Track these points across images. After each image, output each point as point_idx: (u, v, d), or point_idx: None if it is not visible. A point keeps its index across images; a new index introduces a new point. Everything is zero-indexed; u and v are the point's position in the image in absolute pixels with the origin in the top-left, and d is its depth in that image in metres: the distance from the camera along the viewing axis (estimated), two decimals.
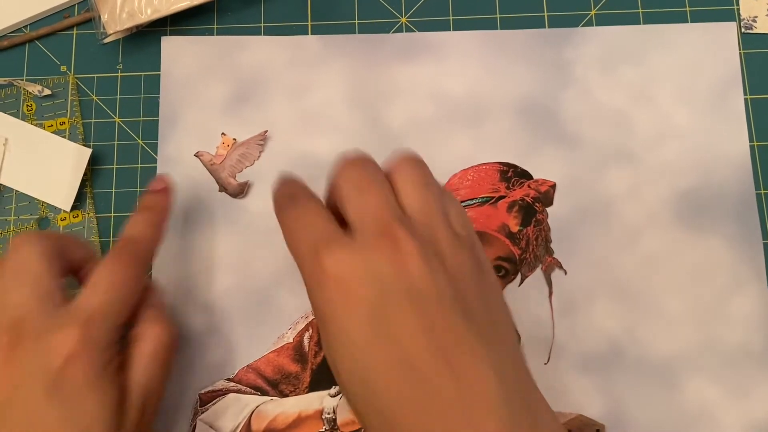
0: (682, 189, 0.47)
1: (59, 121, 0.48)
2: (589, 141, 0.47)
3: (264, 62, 0.49)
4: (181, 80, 0.48)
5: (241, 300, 0.45)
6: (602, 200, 0.46)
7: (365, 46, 0.49)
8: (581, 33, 0.49)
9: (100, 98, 0.49)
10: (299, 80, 0.48)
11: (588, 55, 0.49)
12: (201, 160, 0.47)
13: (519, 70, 0.48)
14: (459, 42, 0.49)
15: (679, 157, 0.47)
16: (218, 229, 0.46)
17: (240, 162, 0.47)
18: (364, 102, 0.48)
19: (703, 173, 0.47)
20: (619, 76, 0.48)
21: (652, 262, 0.46)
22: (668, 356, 0.44)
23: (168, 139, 0.48)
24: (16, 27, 0.49)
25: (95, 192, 0.47)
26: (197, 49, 0.49)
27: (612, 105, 0.48)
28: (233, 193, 0.47)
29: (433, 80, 0.48)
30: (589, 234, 0.46)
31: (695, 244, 0.46)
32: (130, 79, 0.49)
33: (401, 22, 0.50)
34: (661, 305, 0.45)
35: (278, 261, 0.45)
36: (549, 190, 0.46)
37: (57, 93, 0.48)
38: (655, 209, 0.46)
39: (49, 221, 0.47)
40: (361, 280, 0.28)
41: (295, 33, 0.49)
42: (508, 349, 0.29)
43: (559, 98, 0.48)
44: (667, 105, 0.48)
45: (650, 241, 0.46)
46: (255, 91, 0.48)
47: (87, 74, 0.49)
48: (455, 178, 0.47)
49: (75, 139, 0.48)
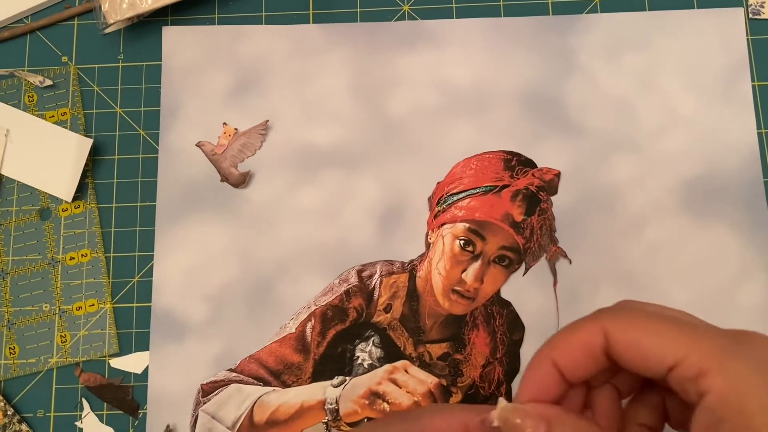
0: (688, 177, 0.46)
1: (60, 112, 0.48)
2: (594, 129, 0.47)
3: (265, 51, 0.48)
4: (183, 70, 0.48)
5: (243, 290, 0.45)
6: (607, 189, 0.46)
7: (367, 34, 0.48)
8: (586, 20, 0.49)
9: (101, 88, 0.48)
10: (300, 69, 0.48)
11: (592, 42, 0.48)
12: (202, 150, 0.47)
13: (523, 57, 0.48)
14: (462, 30, 0.49)
15: (686, 146, 0.47)
16: (220, 219, 0.46)
17: (241, 152, 0.47)
18: (366, 91, 0.48)
19: (709, 161, 0.46)
20: (624, 63, 0.48)
21: (658, 251, 0.45)
22: None
23: (169, 129, 0.47)
24: (17, 17, 0.49)
25: (96, 182, 0.47)
26: (198, 39, 0.49)
27: (617, 93, 0.47)
28: (235, 182, 0.46)
29: (435, 68, 0.48)
30: (594, 223, 0.45)
31: (702, 233, 0.45)
32: (131, 69, 0.49)
33: (403, 10, 0.49)
34: (667, 295, 0.44)
35: (280, 251, 0.45)
36: (553, 179, 0.46)
37: (58, 83, 0.48)
38: (660, 198, 0.46)
39: (50, 212, 0.47)
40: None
41: (296, 22, 0.49)
42: None
43: (563, 86, 0.47)
44: (672, 92, 0.47)
45: (656, 230, 0.45)
46: (256, 81, 0.48)
47: (88, 64, 0.49)
48: (458, 167, 0.46)
49: (76, 129, 0.47)
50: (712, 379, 0.24)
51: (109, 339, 0.45)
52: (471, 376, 0.43)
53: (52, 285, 0.46)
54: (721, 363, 0.24)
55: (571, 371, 0.27)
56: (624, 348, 0.26)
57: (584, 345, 0.27)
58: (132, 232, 0.46)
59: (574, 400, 0.29)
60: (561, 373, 0.27)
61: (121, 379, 0.44)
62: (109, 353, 0.45)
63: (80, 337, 0.45)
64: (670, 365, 0.25)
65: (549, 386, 0.28)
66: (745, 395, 0.24)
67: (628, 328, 0.26)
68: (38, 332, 0.45)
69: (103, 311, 0.45)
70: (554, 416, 0.27)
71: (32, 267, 0.46)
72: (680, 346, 0.25)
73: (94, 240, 0.46)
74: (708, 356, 0.25)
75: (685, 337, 0.25)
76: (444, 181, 0.46)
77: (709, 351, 0.25)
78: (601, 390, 0.29)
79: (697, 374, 0.25)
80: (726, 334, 0.26)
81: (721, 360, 0.25)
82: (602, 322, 0.27)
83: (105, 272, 0.46)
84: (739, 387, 0.24)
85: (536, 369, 0.28)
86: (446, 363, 0.44)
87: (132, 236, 0.46)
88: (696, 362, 0.25)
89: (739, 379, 0.24)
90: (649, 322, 0.26)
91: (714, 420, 0.24)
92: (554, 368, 0.27)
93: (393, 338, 0.44)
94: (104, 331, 0.45)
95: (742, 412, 0.24)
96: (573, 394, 0.29)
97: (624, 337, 0.26)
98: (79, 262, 0.46)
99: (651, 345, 0.26)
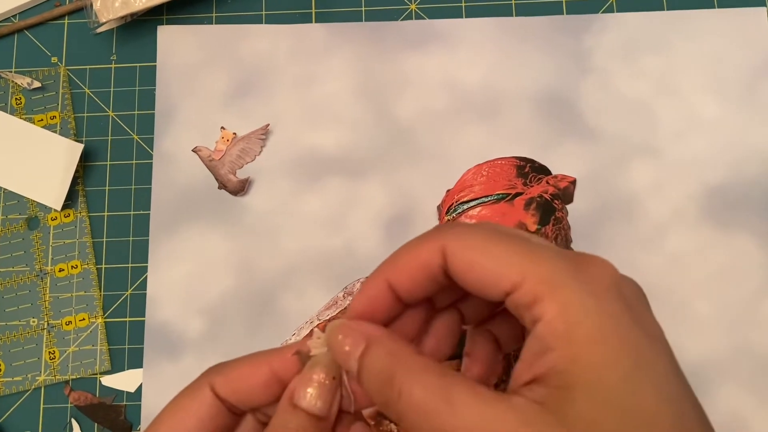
0: (710, 185, 0.45)
1: (50, 115, 0.46)
2: (611, 134, 0.45)
3: (265, 52, 0.47)
4: (178, 71, 0.47)
5: (242, 304, 0.43)
6: (625, 197, 0.44)
7: (372, 34, 0.47)
8: (601, 20, 0.47)
9: (92, 91, 0.47)
10: (303, 71, 0.47)
11: (609, 43, 0.47)
12: (199, 156, 0.45)
13: (536, 59, 0.46)
14: (472, 29, 0.47)
15: (707, 151, 0.45)
16: (217, 228, 0.44)
17: (240, 157, 0.45)
18: (371, 93, 0.46)
19: (732, 168, 0.45)
20: (641, 65, 0.46)
21: (679, 262, 0.44)
22: (697, 362, 0.42)
23: (164, 134, 0.46)
24: (4, 16, 0.48)
25: (87, 190, 0.45)
26: (195, 39, 0.47)
27: (635, 96, 0.46)
28: (233, 190, 0.45)
29: (444, 70, 0.46)
30: (611, 233, 0.44)
31: (725, 242, 0.44)
32: (125, 70, 0.47)
33: (410, 9, 0.48)
34: (689, 308, 0.43)
35: (282, 263, 0.44)
36: (569, 186, 0.44)
37: (47, 85, 0.47)
38: (681, 206, 0.44)
39: (38, 221, 0.45)
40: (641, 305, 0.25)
41: (298, 21, 0.48)
42: None
43: (578, 89, 0.46)
44: (693, 95, 0.46)
45: (676, 240, 0.44)
46: (256, 83, 0.46)
47: (79, 66, 0.47)
48: (469, 174, 0.45)
49: (66, 134, 0.46)
50: (545, 306, 0.23)
51: (100, 355, 0.43)
52: None
53: (41, 298, 0.44)
54: (554, 290, 0.23)
55: (406, 291, 0.26)
56: (461, 270, 0.25)
57: (421, 264, 0.26)
58: (125, 242, 0.45)
59: (412, 320, 0.28)
60: (395, 292, 0.26)
61: (113, 398, 0.42)
62: (100, 370, 0.43)
63: (70, 353, 0.43)
64: (506, 290, 0.24)
65: (381, 305, 0.26)
66: (574, 325, 0.23)
67: (466, 248, 0.25)
68: (25, 348, 0.43)
69: (94, 326, 0.43)
70: (375, 337, 0.25)
71: (19, 279, 0.44)
72: (516, 269, 0.24)
73: (84, 251, 0.44)
74: (542, 282, 0.23)
75: (522, 260, 0.24)
76: (454, 188, 0.45)
77: (544, 276, 0.23)
78: (442, 313, 0.28)
79: (532, 300, 0.23)
80: (565, 258, 0.24)
81: (555, 286, 0.23)
82: (442, 240, 0.25)
83: (96, 285, 0.44)
84: (569, 316, 0.23)
85: (369, 287, 0.27)
86: None
87: (125, 247, 0.45)
88: (531, 288, 0.23)
89: (569, 308, 0.23)
90: (488, 242, 0.25)
91: (541, 348, 0.23)
92: (388, 287, 0.26)
93: None
94: (95, 347, 0.43)
95: (569, 342, 0.22)
96: (412, 313, 0.28)
97: (462, 257, 0.25)
98: (69, 274, 0.44)
99: (487, 267, 0.24)
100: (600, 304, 0.23)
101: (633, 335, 0.23)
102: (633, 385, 0.22)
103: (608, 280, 0.24)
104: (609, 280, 0.24)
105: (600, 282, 0.24)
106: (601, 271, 0.24)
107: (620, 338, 0.23)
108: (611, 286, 0.24)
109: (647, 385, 0.22)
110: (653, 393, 0.22)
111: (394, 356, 0.24)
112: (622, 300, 0.23)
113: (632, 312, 0.23)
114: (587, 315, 0.23)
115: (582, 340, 0.22)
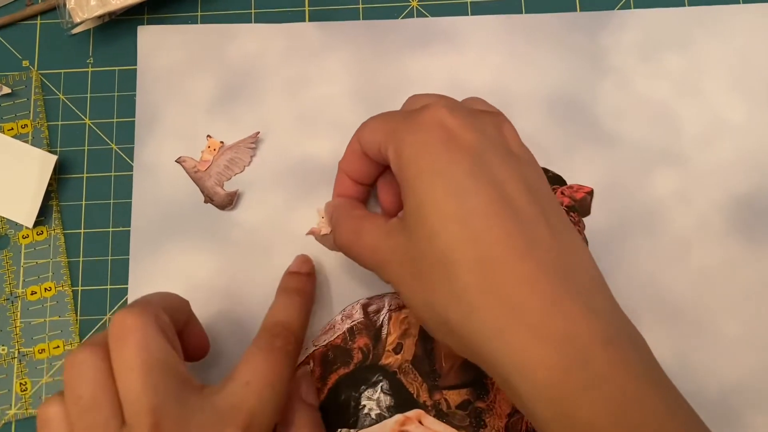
0: (737, 194, 0.43)
1: (21, 124, 0.44)
2: (630, 139, 0.43)
3: (255, 54, 0.45)
4: (161, 75, 0.45)
5: (232, 326, 0.41)
6: (646, 208, 0.43)
7: (371, 33, 0.45)
8: (618, 16, 0.45)
9: (67, 97, 0.45)
10: (296, 74, 0.45)
11: (626, 41, 0.45)
12: (183, 167, 0.44)
13: (547, 59, 0.45)
14: (478, 28, 0.45)
15: (734, 158, 0.43)
16: (204, 246, 0.42)
17: (228, 168, 0.44)
18: (370, 97, 0.45)
19: (760, 175, 0.43)
20: (662, 64, 0.44)
21: (705, 278, 0.42)
22: (727, 388, 0.40)
23: (145, 143, 0.44)
24: None
25: (62, 205, 0.44)
26: (179, 40, 0.46)
27: (655, 98, 0.44)
28: (220, 204, 0.43)
29: (449, 72, 0.45)
30: (632, 247, 0.42)
31: (754, 257, 0.42)
32: (103, 74, 0.46)
33: (412, 6, 0.46)
34: (717, 328, 0.41)
35: (274, 281, 0.41)
36: (585, 197, 0.43)
37: (18, 91, 0.45)
38: (707, 217, 0.42)
39: (8, 239, 0.43)
40: (466, 127, 0.32)
41: (290, 20, 0.46)
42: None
43: (594, 91, 0.44)
44: (718, 97, 0.44)
45: (702, 254, 0.42)
46: (245, 87, 0.45)
47: (53, 70, 0.46)
48: None
49: (39, 144, 0.44)
50: (388, 150, 0.33)
51: None
52: (495, 427, 0.39)
53: (11, 324, 0.42)
54: (393, 141, 0.33)
55: (354, 174, 0.38)
56: (365, 147, 0.35)
57: (351, 152, 0.37)
58: (103, 261, 0.43)
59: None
60: (350, 177, 0.38)
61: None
62: None
63: (43, 384, 0.41)
64: (379, 150, 0.34)
65: (346, 188, 0.38)
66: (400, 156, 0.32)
67: (363, 131, 0.36)
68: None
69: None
70: (335, 203, 0.39)
71: None
72: (379, 134, 0.34)
73: (59, 271, 0.42)
74: (387, 136, 0.33)
75: (383, 125, 0.34)
76: None
77: (388, 132, 0.33)
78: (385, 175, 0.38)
79: (385, 149, 0.33)
80: (403, 115, 0.34)
81: (392, 134, 0.33)
82: (358, 131, 0.36)
83: (72, 309, 0.42)
84: (398, 151, 0.32)
85: (337, 177, 0.39)
86: (466, 412, 0.39)
87: (103, 267, 0.43)
88: (383, 141, 0.33)
89: (398, 144, 0.32)
90: (372, 122, 0.35)
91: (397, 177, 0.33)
92: (344, 174, 0.38)
93: (404, 383, 0.40)
94: None
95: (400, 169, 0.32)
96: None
97: (363, 139, 0.35)
98: (42, 297, 0.42)
99: (369, 138, 0.35)
100: (416, 136, 0.32)
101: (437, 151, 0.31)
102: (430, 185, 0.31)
103: (430, 119, 0.32)
104: (431, 119, 0.32)
105: (422, 123, 0.32)
106: (428, 115, 0.32)
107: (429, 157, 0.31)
108: (432, 124, 0.32)
109: (439, 185, 0.31)
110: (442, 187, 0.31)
111: (336, 210, 0.38)
112: (439, 130, 0.31)
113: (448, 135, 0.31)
114: (408, 146, 0.32)
115: (404, 164, 0.32)
